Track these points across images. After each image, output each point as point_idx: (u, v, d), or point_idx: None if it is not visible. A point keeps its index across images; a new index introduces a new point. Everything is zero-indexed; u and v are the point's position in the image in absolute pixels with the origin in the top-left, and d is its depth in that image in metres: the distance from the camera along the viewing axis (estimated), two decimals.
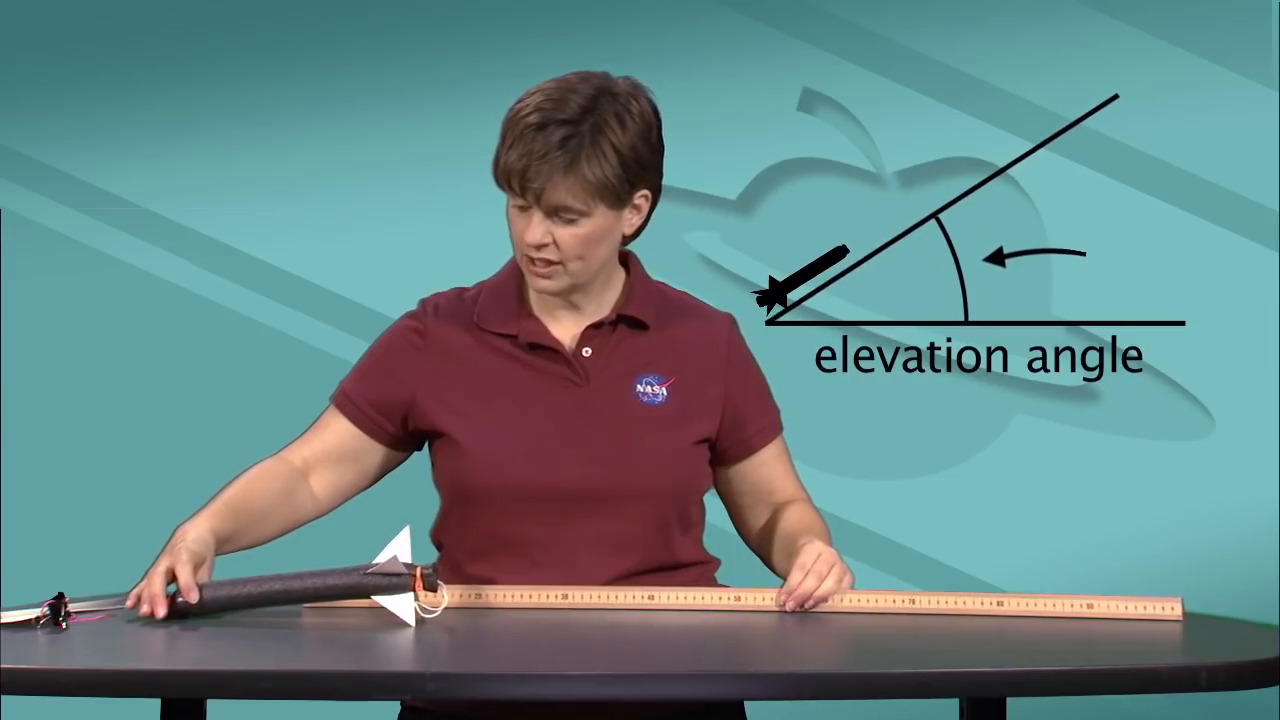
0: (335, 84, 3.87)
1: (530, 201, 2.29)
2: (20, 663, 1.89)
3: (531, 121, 2.28)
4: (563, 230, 2.30)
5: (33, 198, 3.86)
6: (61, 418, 3.83)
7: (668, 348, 2.43)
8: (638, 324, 2.42)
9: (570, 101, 2.30)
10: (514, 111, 2.31)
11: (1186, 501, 3.79)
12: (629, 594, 2.27)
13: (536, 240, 2.30)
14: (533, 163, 2.27)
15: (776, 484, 2.49)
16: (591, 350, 2.39)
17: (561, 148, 2.27)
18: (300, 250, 3.87)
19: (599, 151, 2.29)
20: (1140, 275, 3.81)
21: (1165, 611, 2.22)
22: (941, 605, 2.25)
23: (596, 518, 2.34)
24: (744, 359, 2.49)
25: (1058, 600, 2.25)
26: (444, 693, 2.16)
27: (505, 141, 2.30)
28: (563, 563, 2.34)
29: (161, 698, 2.08)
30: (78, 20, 3.86)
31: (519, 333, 2.39)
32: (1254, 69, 3.78)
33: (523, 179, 2.28)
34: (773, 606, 2.26)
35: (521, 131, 2.28)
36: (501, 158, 2.30)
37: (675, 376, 2.41)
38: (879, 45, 3.85)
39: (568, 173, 2.28)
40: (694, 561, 2.42)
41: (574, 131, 2.28)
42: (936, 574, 3.77)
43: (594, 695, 1.96)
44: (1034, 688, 1.93)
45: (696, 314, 2.48)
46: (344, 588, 2.13)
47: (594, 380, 2.39)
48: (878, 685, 1.94)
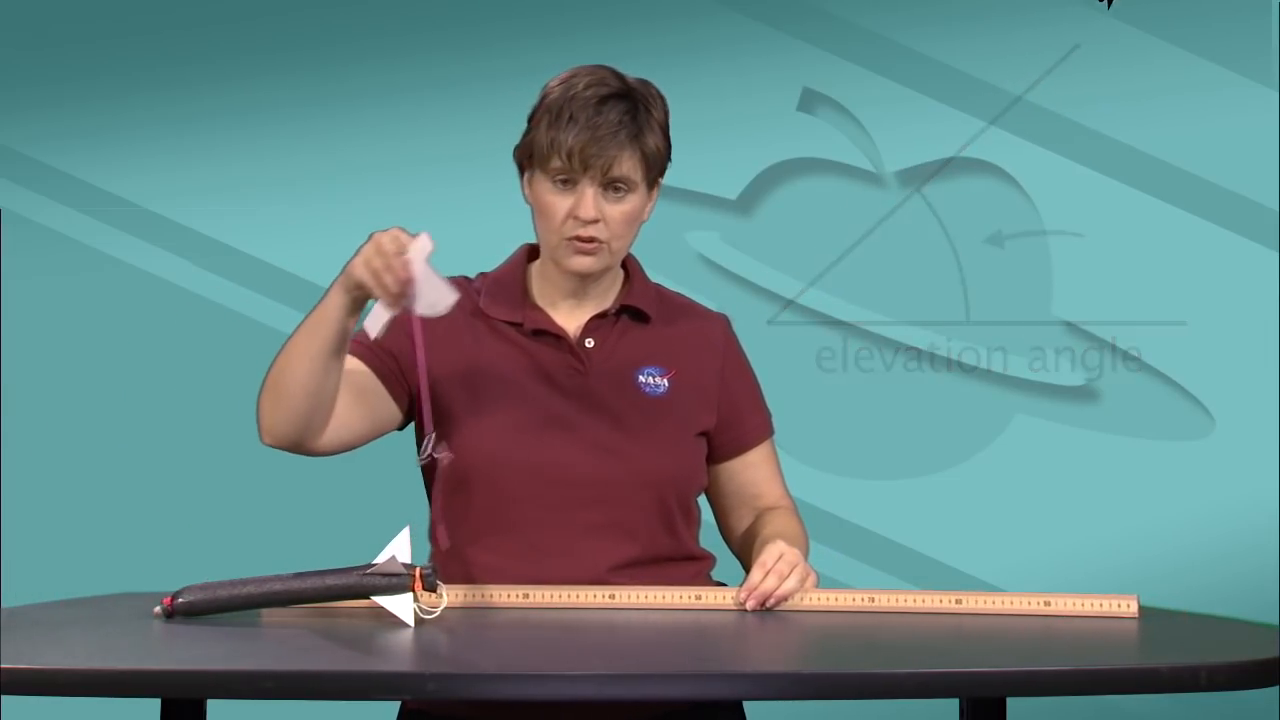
0: (335, 84, 3.87)
1: (584, 176, 2.32)
2: (20, 663, 1.89)
3: (589, 97, 2.32)
4: (611, 207, 2.34)
5: (33, 198, 3.86)
6: (61, 417, 3.83)
7: (668, 342, 2.45)
8: (640, 316, 2.45)
9: (612, 81, 2.35)
10: (559, 94, 2.34)
11: (1186, 501, 3.79)
12: (590, 593, 2.28)
13: (590, 214, 2.33)
14: (600, 136, 2.31)
15: (763, 487, 2.51)
16: (594, 341, 2.42)
17: (626, 121, 2.32)
18: (300, 250, 3.87)
19: (651, 126, 2.35)
20: (1140, 275, 3.81)
21: (1121, 609, 2.24)
22: (900, 603, 2.27)
23: (597, 505, 2.36)
24: (739, 358, 2.52)
25: (1015, 598, 2.26)
26: (443, 693, 2.16)
27: (553, 120, 2.33)
28: (563, 549, 2.35)
29: (161, 698, 2.08)
30: (78, 20, 3.86)
31: (524, 320, 2.41)
32: (1254, 69, 3.78)
33: (583, 154, 2.31)
34: (732, 605, 2.27)
35: (580, 108, 2.31)
36: (549, 136, 2.32)
37: (675, 369, 2.43)
38: (879, 45, 3.85)
39: (633, 144, 2.33)
40: (694, 556, 2.44)
41: (632, 106, 2.34)
42: (937, 574, 3.77)
43: (592, 696, 1.95)
44: (1034, 688, 1.92)
45: (693, 313, 2.52)
46: (343, 588, 2.13)
47: (596, 369, 2.40)
48: (878, 685, 1.94)
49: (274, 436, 2.34)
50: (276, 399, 2.30)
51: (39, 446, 3.82)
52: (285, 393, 2.29)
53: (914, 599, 2.28)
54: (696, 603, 2.28)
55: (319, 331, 2.26)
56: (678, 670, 1.95)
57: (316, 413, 2.31)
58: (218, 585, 2.15)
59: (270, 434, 2.34)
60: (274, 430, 2.33)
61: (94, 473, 3.81)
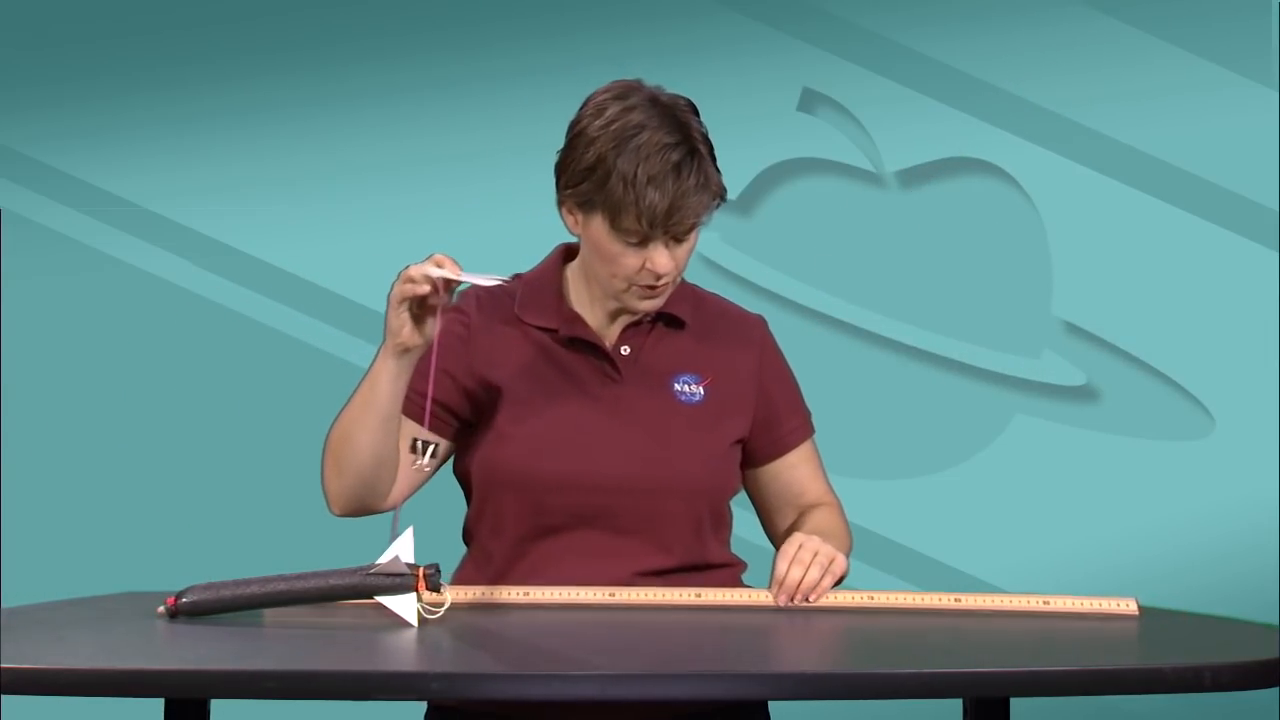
0: (335, 84, 3.87)
1: (661, 235, 2.30)
2: (22, 662, 1.89)
3: (663, 161, 2.27)
4: (679, 250, 2.33)
5: (33, 198, 3.85)
6: (62, 417, 3.83)
7: (704, 347, 2.45)
8: (676, 323, 2.44)
9: (670, 130, 2.31)
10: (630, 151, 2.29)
11: (1186, 501, 3.79)
12: (590, 593, 2.28)
13: (668, 269, 2.32)
14: (680, 205, 2.28)
15: (805, 486, 2.51)
16: (630, 349, 2.41)
17: (700, 178, 2.29)
18: (300, 250, 3.87)
19: (712, 165, 2.33)
20: (1140, 275, 3.81)
21: (1121, 608, 2.24)
22: (899, 603, 2.27)
23: (631, 513, 2.36)
24: (777, 360, 2.51)
25: (1014, 599, 2.27)
26: (447, 693, 2.15)
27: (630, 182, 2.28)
28: (595, 556, 2.35)
29: (165, 698, 2.08)
30: (78, 20, 3.86)
31: (559, 327, 2.40)
32: (1254, 69, 3.78)
33: (666, 221, 2.28)
34: (733, 604, 2.27)
35: (658, 172, 2.27)
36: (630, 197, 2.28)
37: (711, 376, 2.43)
38: (879, 45, 3.85)
39: (702, 194, 2.30)
40: (724, 563, 2.44)
41: (694, 152, 2.30)
42: (936, 574, 3.77)
43: (596, 696, 1.95)
44: (1038, 688, 1.92)
45: (730, 315, 2.51)
46: (347, 588, 2.13)
47: (632, 377, 2.40)
48: (881, 685, 1.94)
49: (342, 507, 2.38)
50: (340, 473, 2.34)
51: (40, 446, 3.81)
52: (348, 466, 2.33)
53: (912, 599, 2.28)
54: (696, 600, 2.28)
55: (372, 401, 2.30)
56: (680, 670, 1.95)
57: (380, 479, 2.35)
58: (221, 585, 2.15)
59: (338, 504, 2.38)
60: (341, 501, 2.37)
61: (95, 473, 3.81)
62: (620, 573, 2.34)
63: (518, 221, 3.72)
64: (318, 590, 2.14)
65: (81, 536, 3.77)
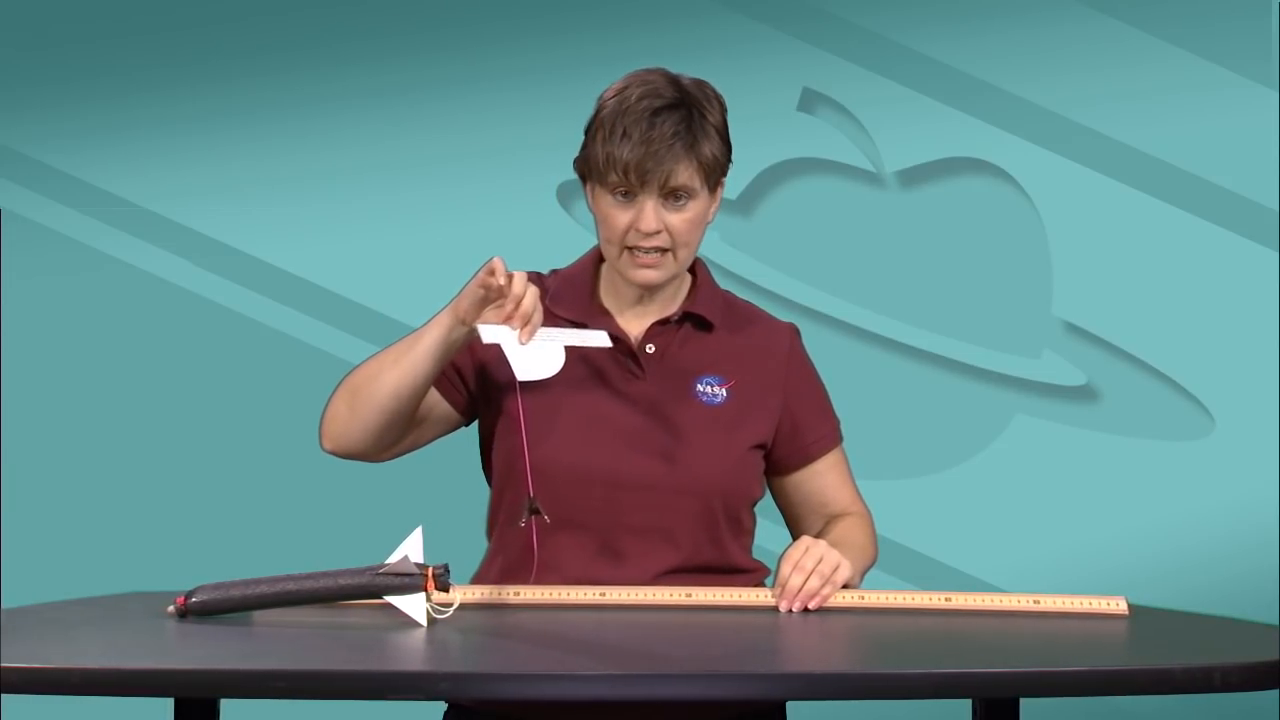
0: (335, 84, 3.87)
1: (643, 189, 2.32)
2: (32, 662, 1.89)
3: (643, 109, 2.31)
4: (673, 216, 2.34)
5: (33, 198, 3.85)
6: (61, 417, 3.83)
7: (730, 351, 2.45)
8: (703, 324, 2.45)
9: (666, 90, 2.34)
10: (613, 106, 2.34)
11: (1186, 501, 3.79)
12: (588, 592, 2.29)
13: (651, 227, 2.33)
14: (655, 150, 2.30)
15: (832, 494, 2.51)
16: (655, 347, 2.42)
17: (681, 131, 2.31)
18: (300, 250, 3.87)
19: (706, 132, 2.34)
20: (1140, 275, 3.81)
21: (1110, 608, 2.25)
22: (890, 602, 2.28)
23: (645, 509, 2.36)
24: (804, 368, 2.51)
25: (1004, 598, 2.28)
26: (456, 693, 2.16)
27: (608, 135, 2.32)
28: (612, 553, 2.35)
29: (174, 697, 2.08)
30: (78, 20, 3.86)
31: (587, 323, 2.41)
32: (1254, 69, 3.78)
33: (639, 168, 2.30)
34: (735, 605, 2.27)
35: (633, 122, 2.31)
36: (605, 151, 2.32)
37: (736, 379, 2.44)
38: (879, 45, 3.85)
39: (689, 154, 2.32)
40: (744, 568, 2.44)
41: (686, 114, 2.33)
42: (936, 574, 3.77)
43: (605, 695, 1.96)
44: (1047, 688, 1.93)
45: (760, 321, 2.51)
46: (356, 588, 2.13)
47: (655, 375, 2.41)
48: (890, 686, 1.94)
49: (335, 443, 2.38)
50: (353, 410, 2.35)
51: (41, 446, 3.81)
52: (363, 405, 2.34)
53: (902, 598, 2.28)
54: (687, 600, 2.28)
55: (409, 354, 2.31)
56: (687, 670, 1.95)
57: (390, 430, 2.36)
58: (231, 585, 2.15)
59: (333, 440, 2.38)
60: (341, 438, 2.38)
61: (96, 473, 3.81)
62: (634, 571, 2.34)
63: (518, 221, 3.73)
64: (327, 590, 2.14)
65: (90, 537, 3.77)
